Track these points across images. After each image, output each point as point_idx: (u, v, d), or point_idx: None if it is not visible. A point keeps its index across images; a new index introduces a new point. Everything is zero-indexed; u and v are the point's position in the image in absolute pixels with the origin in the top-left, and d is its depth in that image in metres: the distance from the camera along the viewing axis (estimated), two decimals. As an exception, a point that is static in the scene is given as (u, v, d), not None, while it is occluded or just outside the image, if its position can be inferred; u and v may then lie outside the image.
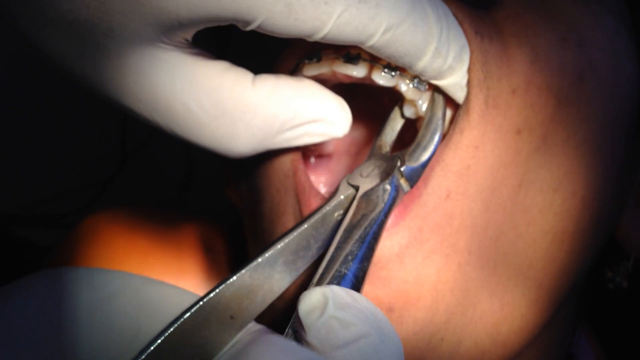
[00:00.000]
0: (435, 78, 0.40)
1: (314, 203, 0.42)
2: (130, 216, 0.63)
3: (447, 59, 0.39)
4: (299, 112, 0.40)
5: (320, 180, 0.48)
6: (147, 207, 0.68)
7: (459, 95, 0.41)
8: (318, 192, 0.43)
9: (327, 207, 0.39)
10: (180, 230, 0.62)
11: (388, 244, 0.39)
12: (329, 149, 0.49)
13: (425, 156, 0.40)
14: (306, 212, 0.42)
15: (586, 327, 0.59)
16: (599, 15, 0.44)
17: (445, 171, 0.40)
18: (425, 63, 0.38)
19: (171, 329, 0.30)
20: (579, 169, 0.42)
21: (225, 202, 0.63)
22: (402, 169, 0.39)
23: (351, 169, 0.47)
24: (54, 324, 0.30)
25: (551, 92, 0.41)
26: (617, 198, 0.47)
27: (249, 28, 0.35)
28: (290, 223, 0.43)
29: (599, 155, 0.43)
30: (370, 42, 0.36)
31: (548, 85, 0.41)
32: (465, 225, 0.40)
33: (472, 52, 0.40)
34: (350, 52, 0.41)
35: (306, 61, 0.43)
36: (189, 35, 0.37)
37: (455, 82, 0.40)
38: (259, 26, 0.34)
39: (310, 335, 0.30)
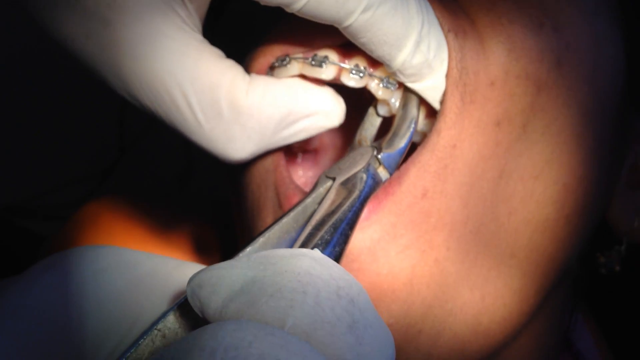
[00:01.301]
0: (414, 78, 0.39)
1: (294, 198, 0.42)
2: (128, 206, 0.63)
3: (427, 56, 0.38)
4: (292, 109, 0.40)
5: (307, 175, 0.48)
6: (145, 198, 0.68)
7: (435, 99, 0.40)
8: (298, 187, 0.43)
9: (308, 200, 0.39)
10: (174, 230, 0.62)
11: (360, 237, 0.39)
12: (315, 144, 0.49)
13: (401, 143, 0.40)
14: (286, 206, 0.42)
15: (583, 311, 0.59)
16: None
17: (422, 172, 0.40)
18: (405, 57, 0.37)
19: (152, 329, 0.29)
20: (560, 156, 0.42)
21: (225, 193, 0.63)
22: (379, 156, 0.39)
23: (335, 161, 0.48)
24: (80, 308, 0.29)
25: (530, 79, 0.40)
26: (605, 182, 0.47)
27: None
28: (269, 218, 0.44)
29: (581, 141, 0.42)
30: (349, 21, 0.35)
31: (526, 73, 0.40)
32: (443, 222, 0.40)
33: (448, 50, 0.40)
34: (318, 55, 0.41)
35: (276, 64, 0.43)
36: (192, 7, 0.36)
37: (433, 85, 0.40)
38: None
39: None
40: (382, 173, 0.39)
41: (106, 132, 0.89)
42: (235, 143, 0.39)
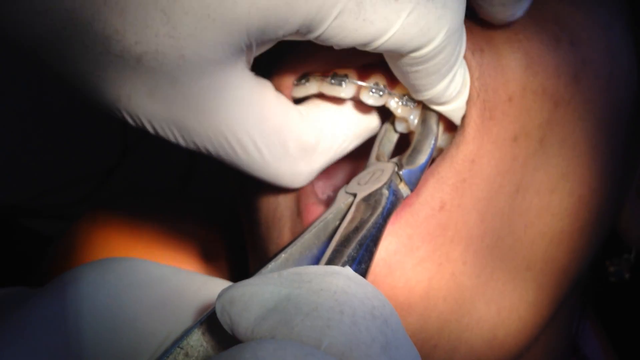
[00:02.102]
0: (440, 103, 0.39)
1: (315, 208, 0.42)
2: (132, 210, 0.62)
3: (459, 84, 0.38)
4: (348, 134, 0.41)
5: (318, 185, 0.47)
6: (148, 200, 0.68)
7: (458, 117, 0.40)
8: (318, 197, 0.43)
9: (329, 216, 0.38)
10: (179, 232, 0.62)
11: None
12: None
13: (422, 159, 0.39)
14: (306, 217, 0.42)
15: (590, 317, 0.59)
16: (590, 10, 0.43)
17: (440, 184, 0.39)
18: (443, 87, 0.37)
19: (175, 347, 0.28)
20: (576, 169, 0.42)
21: (228, 192, 0.63)
22: (400, 172, 0.39)
23: (349, 171, 0.47)
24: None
25: (547, 94, 0.40)
26: (617, 192, 0.47)
27: (311, 36, 0.33)
28: (287, 229, 0.43)
29: (596, 153, 0.42)
30: (429, 47, 0.34)
31: (544, 88, 0.40)
32: (460, 236, 0.40)
33: (469, 68, 0.39)
34: (338, 73, 0.41)
35: (294, 83, 0.43)
36: (252, 57, 0.35)
37: (458, 107, 0.40)
38: (322, 33, 0.32)
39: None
40: (404, 189, 0.39)
41: (109, 131, 0.89)
42: (301, 176, 0.40)
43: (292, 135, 0.38)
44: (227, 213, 0.65)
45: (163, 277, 0.30)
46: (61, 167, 0.91)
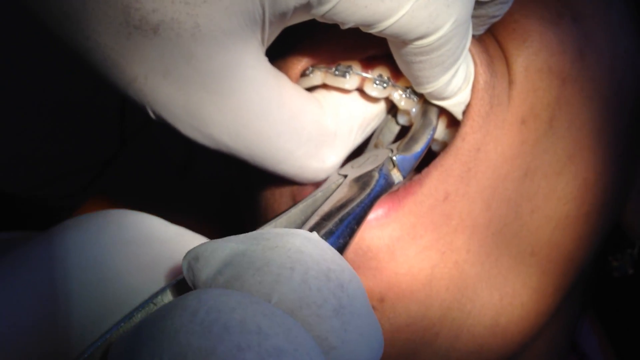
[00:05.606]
0: (443, 99, 0.39)
1: None
2: (131, 199, 0.62)
3: (461, 79, 0.38)
4: (362, 120, 0.41)
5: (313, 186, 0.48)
6: (144, 192, 0.67)
7: (459, 111, 0.40)
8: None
9: (318, 194, 0.38)
10: (178, 222, 0.61)
11: (378, 234, 0.38)
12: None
13: (418, 148, 0.39)
14: None
15: (589, 314, 0.58)
16: None
17: (445, 175, 0.39)
18: (445, 81, 0.37)
19: (149, 302, 0.28)
20: (582, 151, 0.41)
21: (225, 183, 0.62)
22: (394, 158, 0.39)
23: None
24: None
25: (552, 72, 0.40)
26: (622, 180, 0.46)
27: (322, 9, 0.32)
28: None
29: (602, 135, 0.42)
30: (435, 36, 0.33)
31: (549, 65, 0.40)
32: (464, 225, 0.39)
33: (473, 55, 0.39)
34: (342, 65, 0.41)
35: (299, 75, 0.42)
36: (265, 36, 0.34)
37: (459, 102, 0.39)
38: (334, 6, 0.32)
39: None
40: (396, 175, 0.39)
41: (107, 122, 0.89)
42: (325, 163, 0.39)
43: (313, 119, 0.37)
44: (224, 203, 0.65)
45: (166, 238, 0.30)
46: (59, 158, 0.90)
